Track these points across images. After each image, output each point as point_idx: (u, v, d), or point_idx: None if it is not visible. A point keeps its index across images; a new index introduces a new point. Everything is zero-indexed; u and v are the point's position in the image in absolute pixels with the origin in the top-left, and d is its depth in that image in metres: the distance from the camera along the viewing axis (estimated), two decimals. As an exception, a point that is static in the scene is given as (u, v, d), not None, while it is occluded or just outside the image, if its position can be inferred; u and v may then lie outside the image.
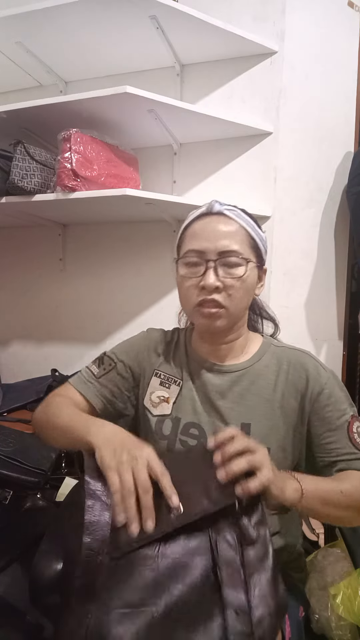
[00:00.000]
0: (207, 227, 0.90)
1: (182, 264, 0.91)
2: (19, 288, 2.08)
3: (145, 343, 1.03)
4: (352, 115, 1.91)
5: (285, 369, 0.93)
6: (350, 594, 0.81)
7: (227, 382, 0.93)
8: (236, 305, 0.88)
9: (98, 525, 0.63)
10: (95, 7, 1.47)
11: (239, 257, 0.87)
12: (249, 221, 0.92)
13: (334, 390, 0.91)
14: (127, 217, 1.81)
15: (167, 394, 0.95)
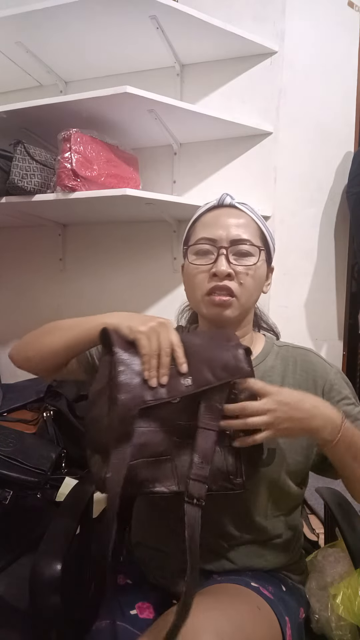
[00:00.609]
0: (219, 218, 0.89)
1: (192, 252, 0.90)
2: (19, 288, 2.08)
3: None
4: (352, 115, 1.91)
5: (291, 369, 0.92)
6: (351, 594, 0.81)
7: None
8: (247, 296, 0.87)
9: (130, 386, 0.73)
10: (95, 7, 1.47)
11: (251, 245, 0.87)
12: (259, 216, 0.92)
13: (343, 385, 0.92)
14: (127, 217, 1.81)
15: None
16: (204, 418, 0.74)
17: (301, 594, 0.92)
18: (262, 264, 0.89)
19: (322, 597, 0.88)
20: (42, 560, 0.81)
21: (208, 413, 0.74)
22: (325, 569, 0.91)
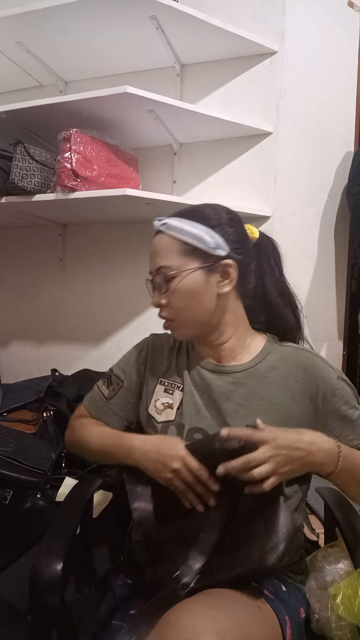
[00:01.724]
0: (151, 247, 0.92)
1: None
2: (19, 288, 2.08)
3: (148, 351, 1.03)
4: (352, 115, 1.91)
5: (293, 372, 0.91)
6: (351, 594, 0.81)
7: (231, 384, 0.92)
8: (182, 315, 0.89)
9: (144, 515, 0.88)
10: (95, 7, 1.47)
11: (168, 270, 0.87)
12: (180, 228, 0.88)
13: (347, 388, 0.91)
14: (127, 217, 1.81)
15: (170, 400, 0.95)
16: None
17: (301, 594, 0.92)
18: (189, 278, 0.87)
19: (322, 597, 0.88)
20: (42, 560, 0.81)
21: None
22: (325, 568, 0.91)
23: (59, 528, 0.91)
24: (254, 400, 0.90)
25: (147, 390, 1.00)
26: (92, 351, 1.95)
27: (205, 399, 0.93)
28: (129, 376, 1.03)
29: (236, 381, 0.91)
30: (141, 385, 1.01)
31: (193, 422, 0.92)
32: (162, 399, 0.96)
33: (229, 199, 1.68)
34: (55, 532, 0.89)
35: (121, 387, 1.02)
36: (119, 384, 1.03)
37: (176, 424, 0.92)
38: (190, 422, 0.92)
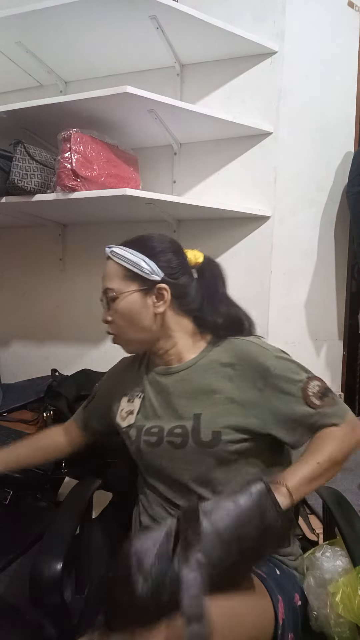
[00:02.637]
0: (104, 270, 1.06)
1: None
2: (19, 288, 2.08)
3: (115, 372, 1.21)
4: (352, 115, 1.91)
5: (231, 362, 0.99)
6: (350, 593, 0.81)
7: (177, 381, 1.02)
8: (123, 332, 1.04)
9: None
10: (95, 7, 1.47)
11: (111, 292, 1.02)
12: (123, 255, 1.02)
13: (282, 365, 0.96)
14: (127, 217, 1.81)
15: (132, 407, 1.07)
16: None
17: (296, 581, 0.94)
18: (128, 299, 1.01)
19: (320, 594, 0.88)
20: (42, 560, 0.81)
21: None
22: (323, 565, 0.91)
23: (58, 528, 0.91)
24: (198, 392, 0.99)
25: (116, 404, 1.12)
26: (92, 351, 1.95)
27: (160, 400, 1.04)
28: (101, 389, 1.22)
29: (182, 378, 1.02)
30: (110, 400, 1.14)
31: (151, 421, 1.03)
32: (126, 408, 1.08)
33: (229, 199, 1.68)
34: (55, 532, 0.89)
35: (94, 397, 1.22)
36: (94, 395, 1.23)
37: (136, 426, 1.04)
38: (149, 422, 1.03)
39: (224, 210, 1.59)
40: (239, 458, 0.95)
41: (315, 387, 0.95)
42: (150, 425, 1.02)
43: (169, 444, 0.97)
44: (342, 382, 2.00)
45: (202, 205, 1.56)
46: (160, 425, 1.01)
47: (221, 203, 1.63)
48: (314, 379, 0.96)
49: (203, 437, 0.94)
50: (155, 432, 1.00)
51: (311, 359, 1.86)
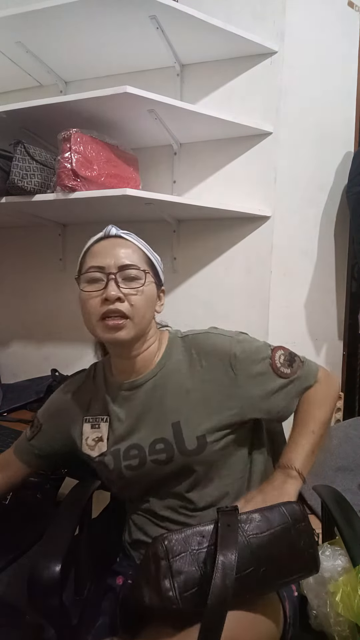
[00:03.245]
0: (107, 247, 0.96)
1: (84, 281, 0.97)
2: (19, 288, 2.08)
3: (64, 398, 1.09)
4: (352, 115, 1.91)
5: (196, 357, 0.96)
6: (350, 592, 0.81)
7: (147, 393, 0.97)
8: (140, 315, 0.92)
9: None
10: (95, 7, 1.47)
11: (138, 269, 0.93)
12: (144, 244, 0.99)
13: (246, 347, 0.96)
14: (127, 217, 1.81)
15: (99, 433, 1.00)
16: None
17: None
18: (150, 284, 0.95)
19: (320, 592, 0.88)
20: (42, 561, 0.81)
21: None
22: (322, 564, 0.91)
23: (58, 528, 0.91)
24: (170, 398, 0.95)
25: (75, 433, 1.04)
26: (92, 351, 1.95)
27: (132, 418, 0.98)
28: (48, 421, 1.09)
29: (151, 388, 0.97)
30: (62, 433, 1.06)
31: (126, 441, 0.97)
32: (91, 435, 1.00)
33: (229, 199, 1.68)
34: (54, 533, 0.89)
35: (40, 430, 1.08)
36: (39, 426, 1.09)
37: (110, 452, 0.98)
38: (124, 444, 0.97)
39: (224, 210, 1.59)
40: (226, 451, 0.95)
41: (280, 357, 0.97)
42: (127, 446, 0.96)
43: (153, 463, 0.93)
44: (342, 382, 2.00)
45: (202, 205, 1.56)
46: (137, 444, 0.96)
47: (221, 203, 1.62)
48: (278, 349, 0.99)
49: (188, 446, 0.91)
50: (135, 454, 0.95)
51: (311, 359, 1.86)
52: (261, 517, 0.79)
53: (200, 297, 1.75)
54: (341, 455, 1.68)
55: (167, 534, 0.77)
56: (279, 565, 0.77)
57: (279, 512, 0.80)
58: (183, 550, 0.76)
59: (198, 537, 0.77)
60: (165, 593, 0.72)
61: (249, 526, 0.78)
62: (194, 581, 0.73)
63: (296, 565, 0.79)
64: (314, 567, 0.81)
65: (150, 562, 0.76)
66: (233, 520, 0.77)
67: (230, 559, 0.72)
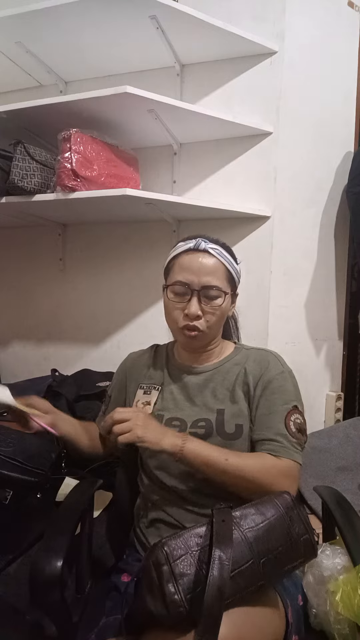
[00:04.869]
0: (194, 262, 1.04)
1: (170, 291, 1.06)
2: (19, 288, 2.08)
3: (125, 367, 1.22)
4: (352, 115, 1.91)
5: (250, 364, 1.07)
6: (350, 592, 0.81)
7: (203, 380, 1.09)
8: (212, 329, 1.06)
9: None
10: (95, 7, 1.47)
11: (217, 290, 1.03)
12: (227, 258, 1.07)
13: (285, 383, 1.04)
14: (127, 217, 1.81)
15: (148, 398, 1.11)
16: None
17: (298, 581, 0.96)
18: (227, 300, 1.06)
19: (319, 591, 0.88)
20: (43, 559, 0.81)
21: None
22: (322, 563, 0.91)
23: (59, 527, 0.91)
24: (219, 390, 1.07)
25: (130, 397, 1.16)
26: (92, 351, 1.95)
27: (184, 394, 1.09)
28: (115, 390, 1.22)
29: (207, 377, 1.09)
30: (125, 394, 1.18)
31: (171, 412, 1.08)
32: (142, 399, 1.12)
33: (229, 199, 1.69)
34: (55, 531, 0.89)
35: (110, 400, 1.22)
36: (109, 397, 1.23)
37: (154, 415, 1.08)
38: (168, 413, 1.08)
39: (224, 210, 1.59)
40: (247, 442, 1.02)
41: (297, 419, 1.01)
42: (171, 416, 1.06)
43: (192, 435, 1.00)
44: (342, 382, 2.00)
45: (202, 205, 1.56)
46: (181, 418, 1.05)
47: (221, 203, 1.63)
48: (299, 412, 1.03)
49: (227, 430, 1.01)
50: (177, 425, 1.05)
51: (311, 359, 1.86)
52: (255, 511, 0.82)
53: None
54: (341, 455, 1.68)
55: (164, 539, 0.79)
56: (277, 554, 0.79)
57: (272, 504, 0.84)
58: (183, 552, 0.77)
59: (196, 538, 0.79)
60: (170, 597, 0.73)
61: (244, 521, 0.80)
62: (197, 582, 0.74)
63: (294, 552, 0.81)
64: (311, 552, 0.84)
65: (151, 570, 0.77)
66: (227, 516, 0.79)
67: (226, 552, 0.73)
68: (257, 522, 0.80)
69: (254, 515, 0.81)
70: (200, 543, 0.78)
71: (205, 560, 0.75)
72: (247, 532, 0.78)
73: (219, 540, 0.74)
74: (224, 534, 0.76)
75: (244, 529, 0.79)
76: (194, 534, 0.79)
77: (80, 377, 1.71)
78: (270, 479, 0.93)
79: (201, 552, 0.77)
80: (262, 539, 0.78)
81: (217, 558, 0.72)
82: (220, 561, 0.71)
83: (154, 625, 0.77)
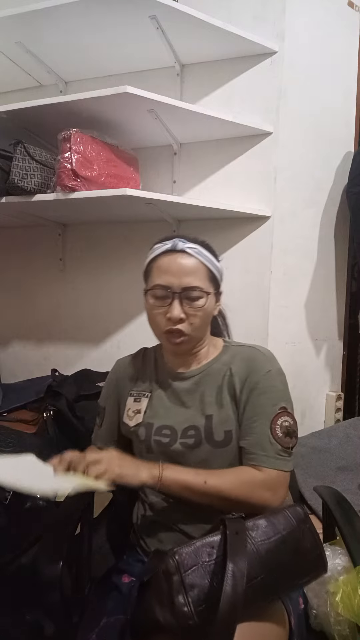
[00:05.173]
0: (172, 264, 0.99)
1: (151, 296, 1.01)
2: (19, 288, 2.08)
3: (116, 376, 1.17)
4: (352, 115, 1.91)
5: (235, 363, 1.03)
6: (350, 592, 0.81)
7: (191, 385, 1.05)
8: (197, 331, 1.01)
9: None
10: (95, 7, 1.47)
11: (198, 291, 0.98)
12: (207, 256, 1.02)
13: (272, 384, 0.99)
14: (127, 217, 1.81)
15: (139, 406, 1.08)
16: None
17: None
18: (210, 300, 1.02)
19: (320, 592, 0.88)
20: (42, 560, 0.81)
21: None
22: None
23: (59, 527, 0.91)
24: (208, 394, 1.03)
25: (122, 404, 1.13)
26: (92, 351, 1.95)
27: (173, 401, 1.06)
28: (109, 402, 1.16)
29: (196, 382, 1.05)
30: (118, 404, 1.14)
31: (161, 420, 1.04)
32: (132, 407, 1.08)
33: (229, 199, 1.68)
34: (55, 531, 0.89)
35: (105, 413, 1.16)
36: (103, 410, 1.17)
37: (145, 424, 1.05)
38: (158, 421, 1.04)
39: (224, 210, 1.59)
40: (236, 448, 0.99)
41: (285, 421, 0.97)
42: (161, 424, 1.03)
43: (182, 446, 0.99)
44: (342, 382, 2.00)
45: (202, 205, 1.56)
46: (171, 426, 1.02)
47: (221, 203, 1.63)
48: (288, 415, 0.98)
49: (216, 437, 0.98)
50: (167, 434, 1.02)
51: (311, 359, 1.86)
52: (267, 523, 0.79)
53: (200, 297, 1.75)
54: (341, 455, 1.68)
55: (177, 548, 0.77)
56: (289, 569, 0.77)
57: (284, 516, 0.81)
58: (194, 563, 0.75)
59: (208, 549, 0.76)
60: (180, 609, 0.71)
61: (256, 533, 0.78)
62: (208, 594, 0.72)
63: (305, 567, 0.79)
64: (322, 567, 0.81)
65: (161, 579, 0.75)
66: (241, 527, 0.77)
67: (241, 567, 0.71)
68: (269, 535, 0.78)
69: (265, 528, 0.78)
70: (212, 554, 0.76)
71: (217, 573, 0.73)
72: (259, 545, 0.76)
73: (233, 553, 0.72)
74: (238, 547, 0.74)
75: (256, 541, 0.76)
76: (205, 543, 0.77)
77: (80, 377, 1.71)
78: (248, 493, 0.90)
79: (212, 564, 0.75)
80: (274, 553, 0.76)
81: (230, 573, 0.70)
82: (234, 577, 0.70)
83: (161, 634, 0.76)
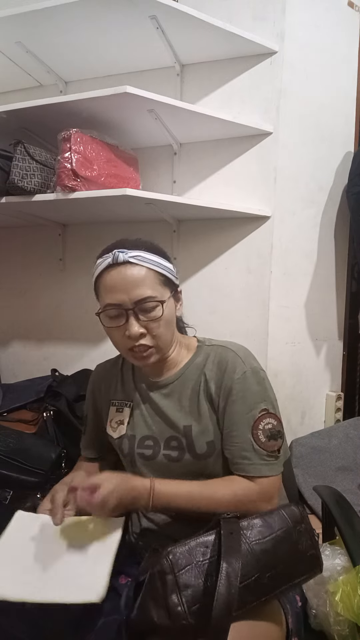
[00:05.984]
0: (117, 279, 0.94)
1: (105, 316, 0.97)
2: (19, 288, 2.08)
3: (95, 383, 1.15)
4: (352, 115, 1.91)
5: (209, 367, 0.99)
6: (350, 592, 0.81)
7: (167, 393, 1.02)
8: (162, 340, 0.96)
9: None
10: (95, 7, 1.47)
11: (154, 300, 0.93)
12: (153, 260, 0.95)
13: (248, 385, 0.95)
14: (127, 217, 1.81)
15: (121, 417, 1.06)
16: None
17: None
18: (168, 306, 0.96)
19: (319, 592, 0.88)
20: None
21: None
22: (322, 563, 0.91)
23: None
24: (184, 402, 1.00)
25: (104, 414, 1.11)
26: (92, 351, 1.95)
27: (152, 411, 1.04)
28: (90, 410, 1.17)
29: (171, 390, 1.02)
30: (100, 412, 1.13)
31: (143, 432, 1.03)
32: (115, 418, 1.07)
33: (229, 199, 1.69)
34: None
35: (87, 420, 1.17)
36: (86, 417, 1.17)
37: (128, 436, 1.04)
38: (140, 432, 1.03)
39: (224, 210, 1.59)
40: (220, 457, 0.98)
41: (268, 424, 0.94)
42: (142, 435, 1.02)
43: (165, 458, 0.98)
44: (342, 382, 2.00)
45: (202, 205, 1.56)
46: (154, 437, 1.01)
47: (221, 203, 1.63)
48: (271, 415, 0.95)
49: (198, 450, 0.96)
50: (150, 445, 1.00)
51: (311, 359, 1.86)
52: (262, 523, 0.79)
53: (200, 297, 1.75)
54: (341, 455, 1.69)
55: (171, 547, 0.77)
56: (284, 569, 0.77)
57: (279, 516, 0.81)
58: (188, 562, 0.75)
59: (202, 548, 0.76)
60: (174, 609, 0.71)
61: (251, 532, 0.78)
62: (202, 594, 0.72)
63: (300, 567, 0.79)
64: (317, 567, 0.81)
65: (155, 579, 0.75)
66: (235, 527, 0.77)
67: (235, 567, 0.71)
68: (264, 534, 0.77)
69: (260, 527, 0.78)
70: (206, 553, 0.76)
71: (211, 573, 0.73)
72: (254, 545, 0.76)
73: (228, 554, 0.72)
74: (232, 547, 0.74)
75: (250, 541, 0.76)
76: (200, 543, 0.77)
77: (80, 377, 1.71)
78: (243, 507, 0.88)
79: (206, 564, 0.75)
80: (269, 553, 0.76)
81: (225, 574, 0.70)
82: (228, 577, 0.70)
83: (156, 634, 0.75)
